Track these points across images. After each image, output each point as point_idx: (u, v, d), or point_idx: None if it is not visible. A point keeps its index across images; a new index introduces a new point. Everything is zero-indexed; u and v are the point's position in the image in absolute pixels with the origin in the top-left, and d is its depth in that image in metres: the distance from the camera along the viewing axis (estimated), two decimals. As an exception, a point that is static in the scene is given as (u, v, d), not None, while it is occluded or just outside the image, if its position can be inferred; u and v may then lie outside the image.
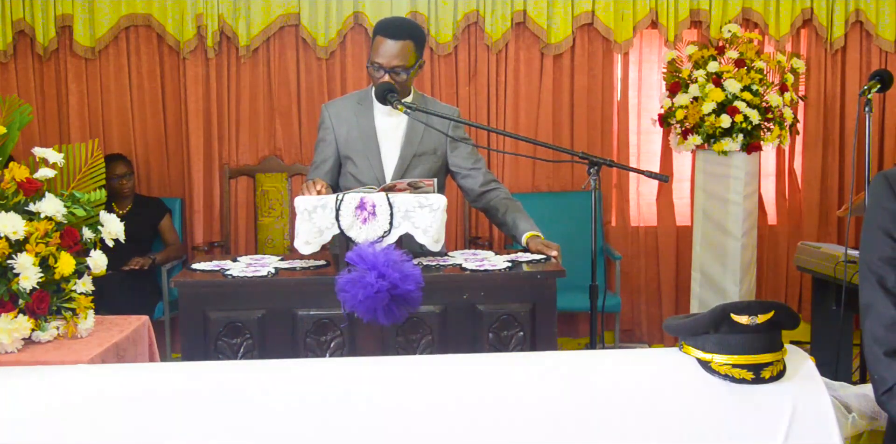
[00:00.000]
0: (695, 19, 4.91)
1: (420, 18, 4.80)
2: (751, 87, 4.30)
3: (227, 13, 4.76)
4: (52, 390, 1.79)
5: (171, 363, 2.14)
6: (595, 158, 2.61)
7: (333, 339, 2.53)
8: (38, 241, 2.22)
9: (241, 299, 2.53)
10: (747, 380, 1.73)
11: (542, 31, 4.84)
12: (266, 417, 1.72)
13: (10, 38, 4.72)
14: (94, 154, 2.52)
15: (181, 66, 4.84)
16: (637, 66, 5.04)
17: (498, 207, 3.03)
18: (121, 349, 2.39)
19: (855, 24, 4.95)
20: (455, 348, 2.53)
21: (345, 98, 3.15)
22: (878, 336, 1.72)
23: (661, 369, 1.83)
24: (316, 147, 3.12)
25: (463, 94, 4.92)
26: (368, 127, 3.00)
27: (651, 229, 5.11)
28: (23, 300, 2.21)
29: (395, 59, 2.85)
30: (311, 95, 4.89)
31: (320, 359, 2.46)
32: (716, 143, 4.34)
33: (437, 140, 3.02)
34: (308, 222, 2.51)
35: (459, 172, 3.08)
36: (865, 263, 1.76)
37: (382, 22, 2.96)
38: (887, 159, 5.03)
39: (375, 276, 2.23)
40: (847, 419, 2.27)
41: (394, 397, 1.77)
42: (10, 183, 2.26)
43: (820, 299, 4.02)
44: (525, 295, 2.58)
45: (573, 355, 2.10)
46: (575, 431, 1.71)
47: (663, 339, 5.06)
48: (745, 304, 1.74)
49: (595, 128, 4.98)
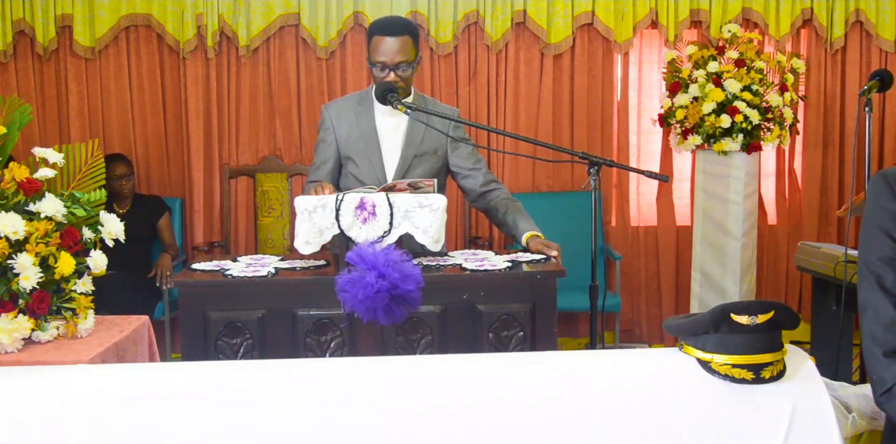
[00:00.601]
0: (695, 19, 4.91)
1: (420, 18, 4.80)
2: (751, 87, 4.30)
3: (227, 13, 4.76)
4: (52, 390, 1.79)
5: (171, 363, 2.14)
6: (595, 158, 2.61)
7: (333, 339, 2.53)
8: (38, 241, 2.22)
9: (241, 299, 2.53)
10: (747, 380, 1.73)
11: (542, 31, 4.84)
12: (266, 417, 1.72)
13: (10, 38, 4.71)
14: (94, 154, 2.52)
15: (181, 66, 4.84)
16: (637, 66, 5.04)
17: (498, 208, 3.03)
18: (121, 349, 2.39)
19: (855, 24, 4.95)
20: (455, 348, 2.53)
21: (345, 98, 3.15)
22: (877, 336, 1.71)
23: (661, 369, 1.83)
24: (316, 148, 3.12)
25: (463, 94, 4.92)
26: (369, 127, 3.00)
27: (651, 229, 5.11)
28: (23, 300, 2.21)
29: (397, 56, 2.86)
30: (311, 95, 4.89)
31: (320, 359, 2.46)
32: (716, 143, 4.34)
33: (437, 140, 3.02)
34: (308, 221, 2.52)
35: (460, 173, 3.09)
36: (864, 262, 1.76)
37: (377, 22, 2.99)
38: (887, 159, 5.03)
39: (375, 276, 2.24)
40: (847, 419, 2.28)
41: (394, 397, 1.77)
42: (10, 183, 2.26)
43: (820, 299, 4.02)
44: (525, 295, 2.58)
45: (573, 355, 2.10)
46: (575, 431, 1.71)
47: (663, 339, 5.06)
48: (745, 304, 1.74)
49: (595, 128, 4.98)
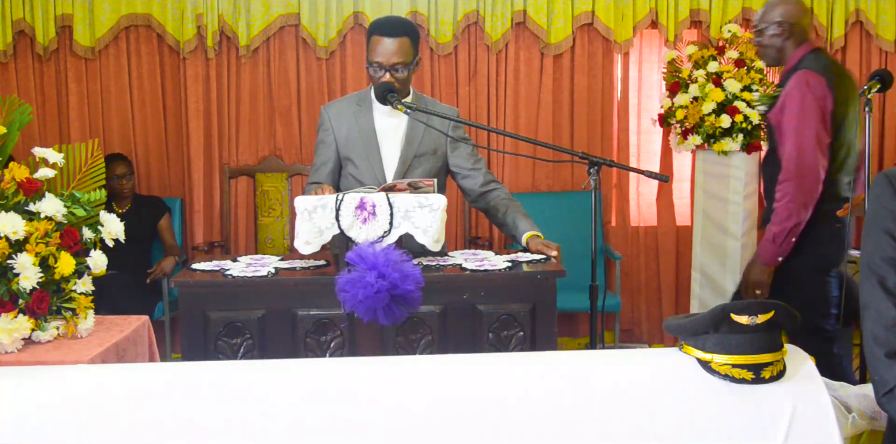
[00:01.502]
0: (695, 19, 4.91)
1: (420, 18, 4.81)
2: (751, 87, 4.30)
3: (227, 13, 4.76)
4: (52, 390, 1.79)
5: (171, 363, 2.14)
6: (595, 158, 2.61)
7: (333, 339, 2.53)
8: (38, 241, 2.22)
9: (241, 299, 2.53)
10: (747, 380, 1.73)
11: (542, 31, 4.84)
12: (266, 417, 1.72)
13: (10, 38, 4.71)
14: (94, 154, 2.52)
15: (181, 66, 4.84)
16: (637, 66, 5.04)
17: (498, 208, 3.03)
18: (121, 349, 2.39)
19: (855, 24, 4.95)
20: (455, 348, 2.53)
21: (344, 99, 3.15)
22: (879, 337, 1.71)
23: (661, 369, 1.83)
24: (316, 149, 3.11)
25: (463, 94, 4.92)
26: (368, 128, 3.00)
27: (651, 229, 5.11)
28: (23, 300, 2.21)
29: (394, 57, 2.85)
30: (311, 95, 4.89)
31: (320, 359, 2.46)
32: (716, 143, 4.34)
33: (437, 140, 3.02)
34: (308, 221, 2.52)
35: (460, 173, 3.09)
36: (866, 263, 1.76)
37: (377, 22, 2.98)
38: (887, 159, 5.03)
39: (375, 276, 2.24)
40: (847, 419, 2.27)
41: (394, 396, 1.77)
42: (10, 183, 2.26)
43: (820, 299, 4.02)
44: (525, 295, 2.58)
45: (573, 355, 2.10)
46: (575, 431, 1.71)
47: (663, 339, 5.05)
48: (745, 304, 1.74)
49: (595, 128, 4.98)
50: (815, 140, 3.09)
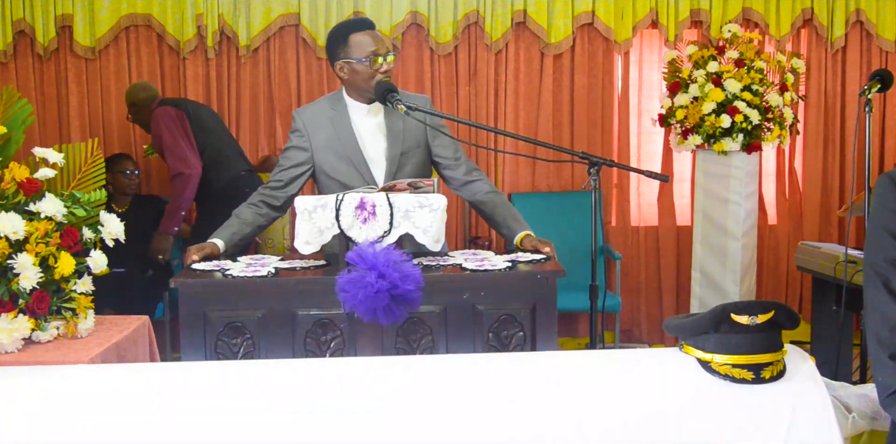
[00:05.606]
0: (695, 19, 4.91)
1: (420, 18, 4.81)
2: (751, 87, 4.30)
3: (227, 13, 4.76)
4: (52, 390, 1.79)
5: (171, 363, 2.14)
6: (595, 158, 2.61)
7: (333, 339, 2.53)
8: (38, 241, 2.22)
9: (241, 299, 2.53)
10: (747, 380, 1.73)
11: (542, 30, 4.84)
12: (266, 417, 1.72)
13: (10, 38, 4.71)
14: (94, 154, 2.53)
15: (181, 66, 4.84)
16: (637, 66, 5.04)
17: (484, 202, 3.00)
18: (121, 349, 2.40)
19: (855, 24, 4.95)
20: (455, 348, 2.53)
21: (316, 103, 3.06)
22: (883, 339, 1.69)
23: (661, 369, 1.83)
24: (284, 152, 3.00)
25: (463, 94, 4.92)
26: (347, 131, 2.94)
27: (651, 229, 5.11)
28: (23, 300, 2.21)
29: (386, 41, 2.90)
30: (311, 95, 4.87)
31: (320, 359, 2.46)
32: (716, 143, 4.34)
33: (417, 133, 2.98)
34: (308, 221, 2.51)
35: (442, 163, 3.04)
36: (870, 264, 1.74)
37: (345, 24, 2.94)
38: (888, 159, 5.03)
39: (375, 276, 2.23)
40: (847, 419, 2.28)
41: (394, 396, 1.77)
42: (10, 183, 2.26)
43: (820, 300, 4.02)
44: (525, 295, 2.58)
45: (573, 355, 2.10)
46: (575, 431, 1.71)
47: (663, 339, 5.05)
48: (745, 304, 1.74)
49: (595, 128, 4.98)
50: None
